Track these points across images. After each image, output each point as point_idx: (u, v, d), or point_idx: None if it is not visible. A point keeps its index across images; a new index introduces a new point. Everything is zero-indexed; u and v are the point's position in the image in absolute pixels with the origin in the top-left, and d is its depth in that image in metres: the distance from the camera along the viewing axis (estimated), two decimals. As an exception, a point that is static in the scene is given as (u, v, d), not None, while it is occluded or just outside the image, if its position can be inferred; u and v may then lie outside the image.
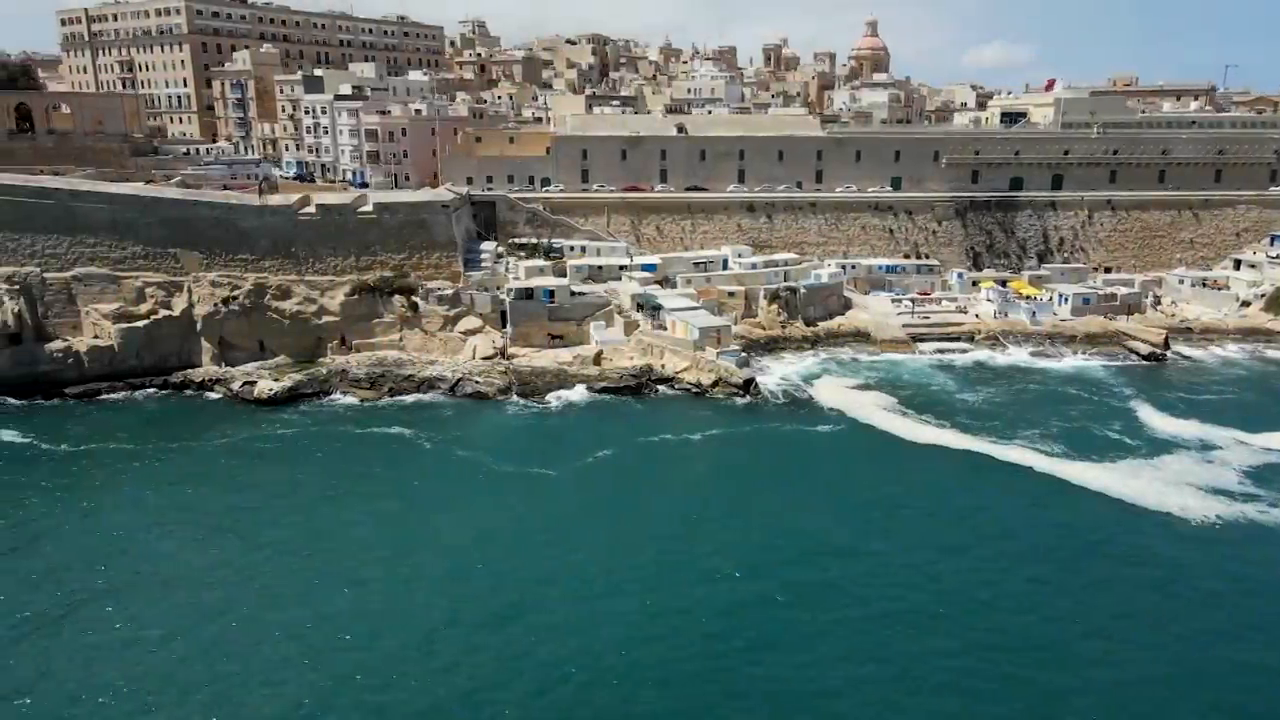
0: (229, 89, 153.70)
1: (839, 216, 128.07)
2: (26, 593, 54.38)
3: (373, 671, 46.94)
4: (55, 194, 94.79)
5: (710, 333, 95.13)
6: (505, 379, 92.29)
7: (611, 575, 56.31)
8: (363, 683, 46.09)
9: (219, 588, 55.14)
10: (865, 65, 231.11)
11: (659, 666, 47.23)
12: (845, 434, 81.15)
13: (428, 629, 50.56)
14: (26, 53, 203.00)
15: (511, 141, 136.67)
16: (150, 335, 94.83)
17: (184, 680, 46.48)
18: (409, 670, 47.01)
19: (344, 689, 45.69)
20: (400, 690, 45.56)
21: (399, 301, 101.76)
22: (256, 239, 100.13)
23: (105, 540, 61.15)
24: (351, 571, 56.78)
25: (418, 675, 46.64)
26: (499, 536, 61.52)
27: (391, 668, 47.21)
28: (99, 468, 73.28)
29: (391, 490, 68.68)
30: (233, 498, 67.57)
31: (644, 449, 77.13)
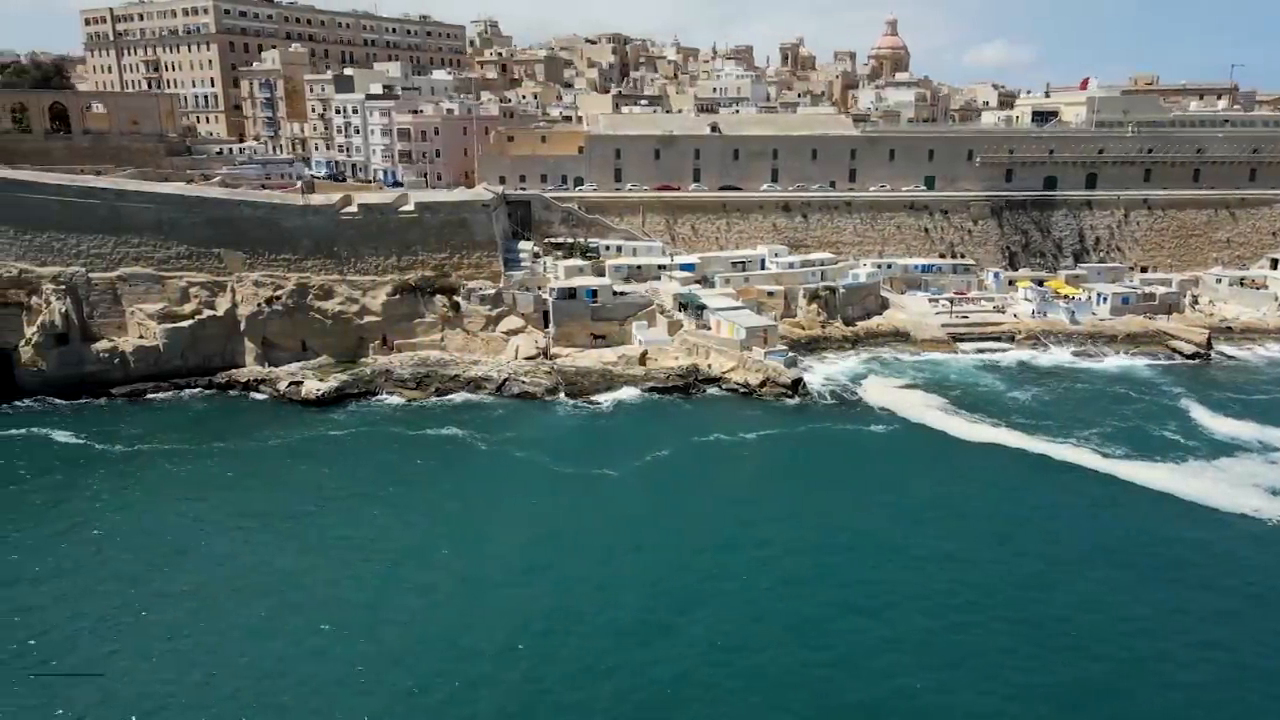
0: (258, 88, 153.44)
1: (874, 216, 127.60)
2: (92, 593, 54.11)
3: (454, 675, 46.58)
4: (102, 194, 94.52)
5: (757, 332, 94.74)
6: (552, 379, 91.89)
7: (683, 577, 55.93)
8: (445, 689, 45.70)
9: (288, 589, 54.94)
10: (885, 64, 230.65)
11: (747, 676, 46.73)
12: (900, 434, 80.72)
13: (504, 631, 50.15)
14: (36, 52, 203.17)
15: (543, 141, 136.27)
16: (194, 335, 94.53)
17: (255, 680, 46.28)
18: (490, 675, 46.61)
19: (426, 693, 45.33)
20: (483, 695, 45.21)
21: (440, 301, 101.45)
22: (299, 238, 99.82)
23: (167, 541, 60.82)
24: (420, 573, 56.45)
25: (500, 680, 46.23)
26: (567, 537, 61.20)
27: (472, 671, 46.85)
28: (155, 468, 72.97)
29: (452, 492, 68.35)
30: (293, 498, 67.26)
31: (700, 449, 76.75)
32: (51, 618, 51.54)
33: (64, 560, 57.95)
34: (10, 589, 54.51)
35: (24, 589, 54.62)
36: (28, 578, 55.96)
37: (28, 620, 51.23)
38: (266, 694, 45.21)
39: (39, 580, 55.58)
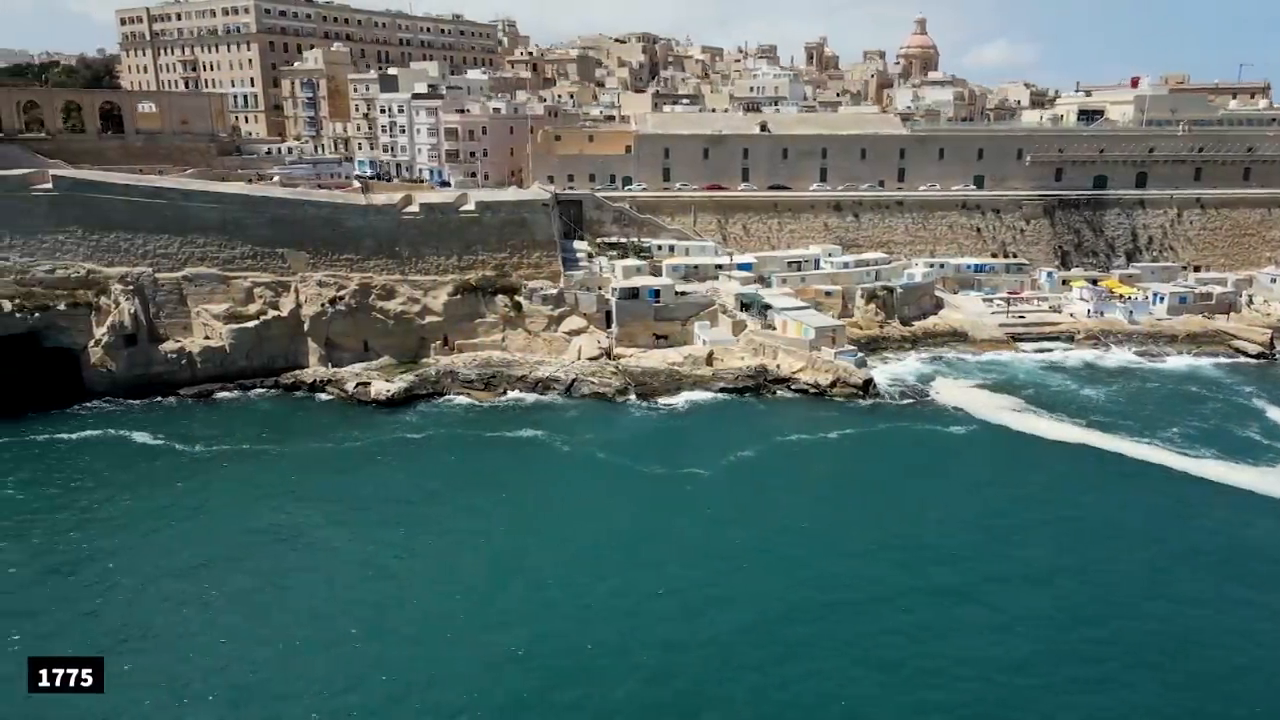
0: (299, 88, 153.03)
1: (926, 215, 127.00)
2: (214, 590, 53.82)
3: (580, 677, 46.08)
4: (168, 194, 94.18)
5: (826, 332, 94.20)
6: (620, 380, 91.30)
7: (794, 577, 55.48)
8: (572, 691, 45.29)
9: (395, 584, 55.04)
10: (915, 64, 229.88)
11: (876, 695, 46.28)
12: (981, 435, 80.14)
13: (621, 633, 49.81)
14: (48, 53, 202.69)
15: (590, 140, 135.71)
16: (260, 336, 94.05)
17: (355, 680, 46.07)
18: (619, 680, 46.18)
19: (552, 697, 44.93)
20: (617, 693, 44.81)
21: (502, 301, 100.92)
22: (361, 238, 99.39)
23: (259, 541, 60.66)
24: (530, 573, 56.06)
25: (625, 686, 45.81)
26: (675, 537, 61.04)
27: (603, 673, 46.39)
28: (240, 468, 72.64)
29: (544, 493, 67.93)
30: (384, 499, 66.77)
31: (783, 449, 76.26)
32: (170, 618, 51.26)
33: (175, 559, 57.79)
34: (121, 585, 54.22)
35: (137, 586, 54.42)
36: (139, 575, 55.84)
37: (140, 617, 50.91)
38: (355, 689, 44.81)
39: (155, 579, 55.38)
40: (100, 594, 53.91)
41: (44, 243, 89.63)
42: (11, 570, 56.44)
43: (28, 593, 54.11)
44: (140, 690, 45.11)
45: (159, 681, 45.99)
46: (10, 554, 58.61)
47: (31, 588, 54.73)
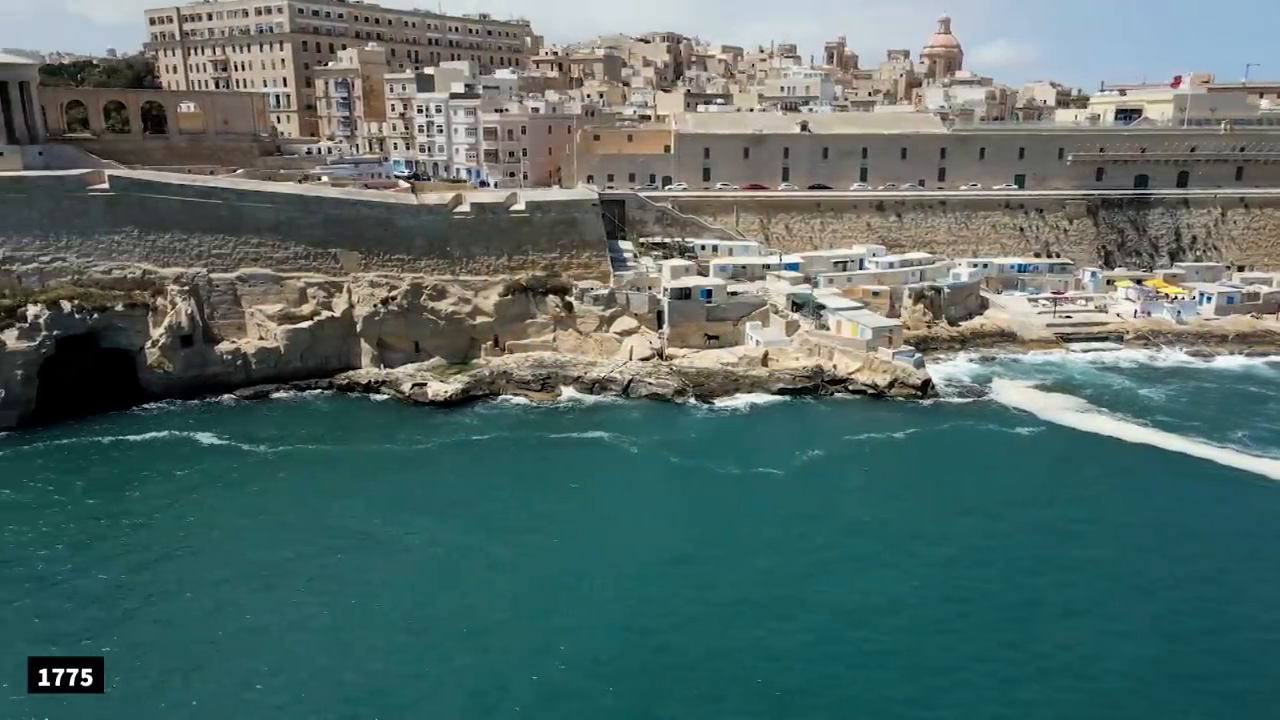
0: (334, 88, 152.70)
1: (969, 215, 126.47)
2: (300, 589, 53.40)
3: (688, 676, 45.68)
4: (222, 194, 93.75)
5: (883, 333, 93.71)
6: (678, 380, 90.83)
7: (891, 579, 55.02)
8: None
9: (488, 581, 55.03)
10: (939, 63, 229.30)
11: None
12: (1047, 436, 79.58)
13: (723, 632, 49.43)
14: (61, 53, 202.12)
15: (630, 140, 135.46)
16: (314, 337, 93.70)
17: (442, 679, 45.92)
18: (728, 681, 45.80)
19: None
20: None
21: (553, 302, 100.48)
22: (412, 238, 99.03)
23: (335, 540, 60.45)
24: (623, 575, 55.55)
25: (736, 687, 45.47)
26: (765, 534, 60.93)
27: (712, 673, 45.99)
28: (306, 469, 72.47)
29: (625, 495, 67.64)
30: (460, 502, 66.35)
31: (853, 449, 75.83)
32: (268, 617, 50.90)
33: (251, 558, 57.67)
34: (204, 582, 53.94)
35: (221, 583, 54.18)
36: (219, 572, 55.78)
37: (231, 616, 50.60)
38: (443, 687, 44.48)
39: (232, 578, 55.11)
40: (182, 594, 53.93)
41: (100, 243, 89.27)
42: (94, 570, 56.16)
43: (107, 592, 53.98)
44: (218, 685, 45.41)
45: (249, 679, 45.84)
46: (86, 554, 58.52)
47: (112, 587, 54.63)
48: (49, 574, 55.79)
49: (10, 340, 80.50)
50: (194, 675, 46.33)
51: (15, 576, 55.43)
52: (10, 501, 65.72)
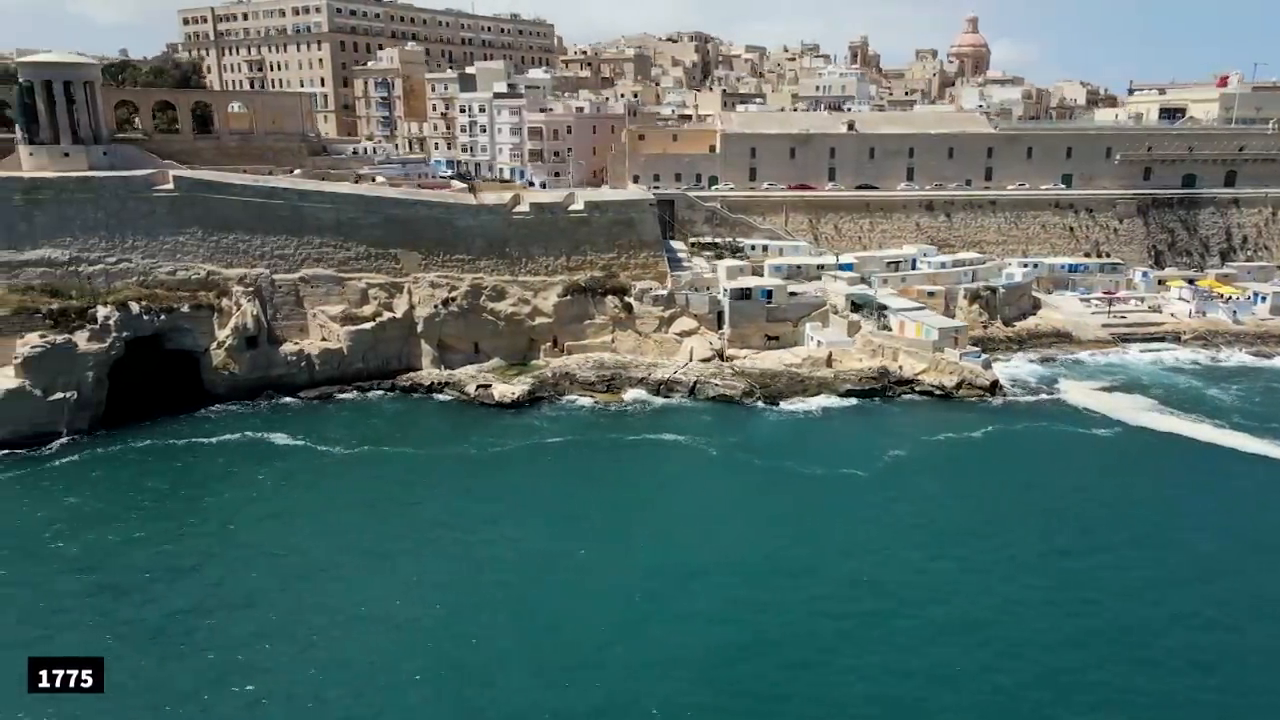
0: (373, 87, 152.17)
1: (1019, 215, 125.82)
2: (391, 584, 52.95)
3: (805, 675, 45.20)
4: (284, 194, 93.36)
5: (949, 333, 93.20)
6: (745, 382, 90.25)
7: (1001, 587, 54.49)
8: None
9: (582, 580, 54.81)
10: (966, 63, 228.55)
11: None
12: (1126, 437, 79.04)
13: (844, 630, 49.14)
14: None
15: (674, 139, 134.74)
16: (376, 338, 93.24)
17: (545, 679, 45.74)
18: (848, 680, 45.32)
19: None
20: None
21: (612, 302, 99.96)
22: (472, 238, 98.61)
23: (436, 535, 60.45)
24: (726, 574, 55.11)
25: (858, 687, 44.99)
26: (857, 534, 60.36)
27: (836, 673, 45.50)
28: (387, 469, 72.20)
29: (715, 496, 67.43)
30: (551, 506, 65.74)
31: (934, 449, 75.47)
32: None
33: (352, 554, 57.29)
34: (310, 581, 53.49)
35: (326, 577, 53.68)
36: (322, 568, 55.53)
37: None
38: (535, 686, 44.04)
39: (336, 571, 54.73)
40: (279, 592, 53.65)
41: (165, 244, 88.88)
42: (187, 572, 55.82)
43: (205, 592, 53.87)
44: (335, 676, 45.32)
45: (361, 676, 45.47)
46: (176, 556, 58.30)
47: (210, 585, 54.66)
48: (141, 578, 55.47)
49: (81, 341, 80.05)
50: (301, 673, 46.01)
51: (113, 583, 54.98)
52: (93, 505, 65.24)
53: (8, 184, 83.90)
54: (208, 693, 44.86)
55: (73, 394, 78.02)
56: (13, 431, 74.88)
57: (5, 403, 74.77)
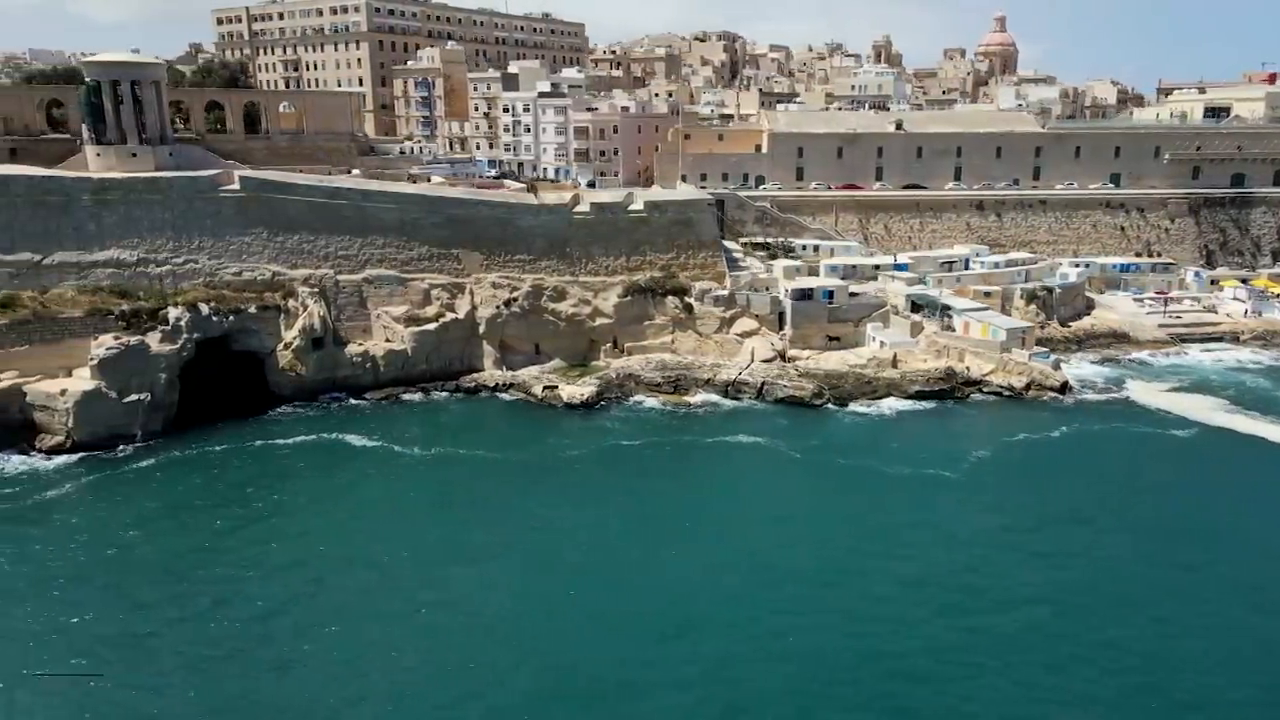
0: (414, 87, 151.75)
1: (1069, 214, 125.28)
2: (499, 581, 52.49)
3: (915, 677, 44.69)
4: (348, 194, 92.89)
5: (1017, 334, 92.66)
6: (813, 383, 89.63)
7: (1129, 584, 53.99)
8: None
9: (676, 582, 54.05)
10: (995, 62, 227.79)
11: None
12: (1207, 438, 78.24)
13: (953, 629, 48.55)
14: (87, 52, 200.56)
15: (720, 139, 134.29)
16: (439, 339, 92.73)
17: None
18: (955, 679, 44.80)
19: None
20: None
21: (672, 303, 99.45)
22: (532, 239, 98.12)
23: (539, 536, 60.09)
24: (836, 574, 54.63)
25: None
26: (955, 532, 60.12)
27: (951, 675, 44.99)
28: (470, 471, 71.85)
29: (808, 498, 66.82)
30: (642, 509, 65.23)
31: (1017, 449, 75.01)
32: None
33: (458, 553, 56.71)
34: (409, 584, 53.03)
35: (441, 571, 53.18)
36: (430, 565, 54.92)
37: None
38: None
39: (448, 567, 54.18)
40: (378, 592, 53.13)
41: (231, 244, 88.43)
42: (285, 571, 55.32)
43: (307, 590, 53.63)
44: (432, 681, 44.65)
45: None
46: (268, 556, 58.16)
47: (311, 583, 54.48)
48: (232, 581, 55.14)
49: (154, 343, 79.62)
50: (400, 676, 45.64)
51: (200, 588, 54.42)
52: (178, 508, 64.73)
53: (78, 184, 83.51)
54: (297, 693, 44.68)
55: (146, 396, 77.56)
56: (90, 434, 74.47)
57: (83, 405, 74.30)
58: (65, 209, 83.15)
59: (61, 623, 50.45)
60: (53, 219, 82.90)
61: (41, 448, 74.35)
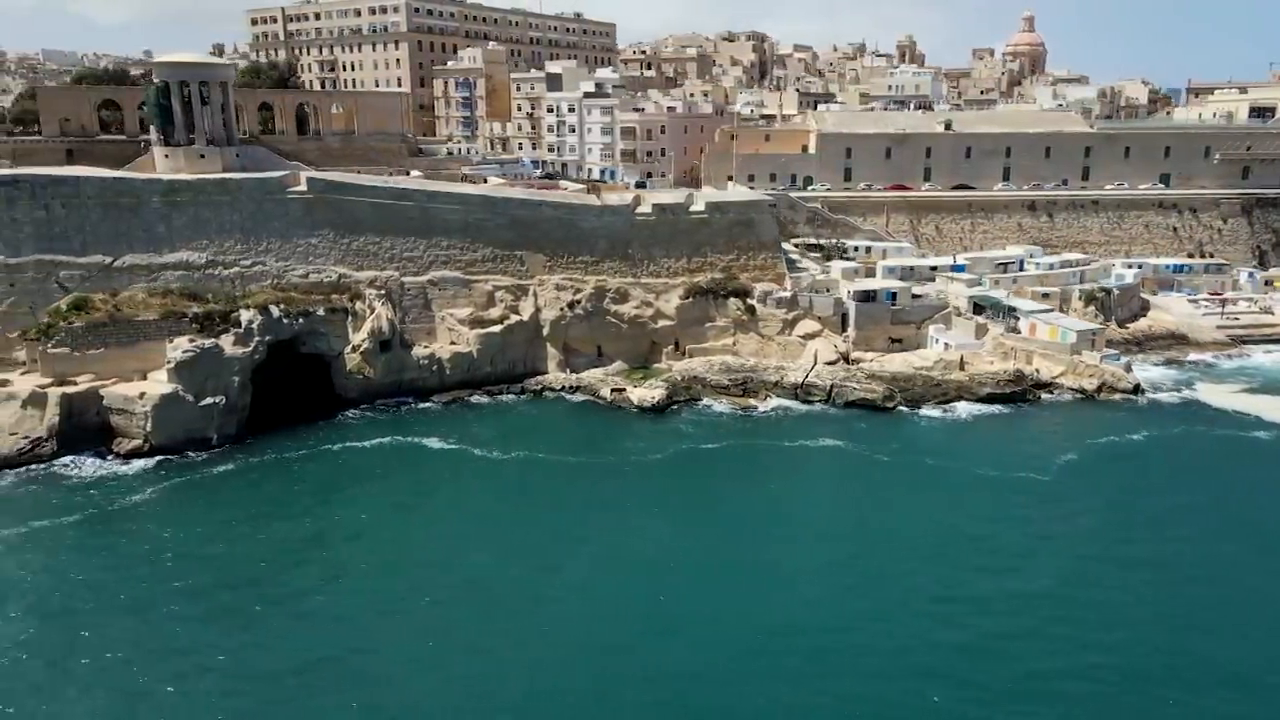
0: (454, 87, 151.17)
1: (1121, 215, 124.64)
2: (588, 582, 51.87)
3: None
4: (413, 195, 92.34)
5: (1086, 336, 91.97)
6: (883, 385, 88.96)
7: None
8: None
9: (793, 583, 53.94)
10: (1024, 61, 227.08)
11: None
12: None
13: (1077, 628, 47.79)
14: (98, 53, 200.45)
15: (767, 139, 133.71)
16: (504, 340, 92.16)
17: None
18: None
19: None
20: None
21: (734, 304, 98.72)
22: (595, 240, 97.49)
23: (626, 548, 59.14)
24: (938, 576, 54.00)
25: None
26: (1061, 535, 59.60)
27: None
28: (555, 474, 71.40)
29: (907, 500, 65.76)
30: (741, 513, 64.40)
31: (1104, 451, 74.43)
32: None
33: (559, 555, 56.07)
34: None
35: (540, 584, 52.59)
36: (509, 568, 54.73)
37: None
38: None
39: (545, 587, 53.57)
40: (482, 592, 52.46)
41: (298, 246, 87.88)
42: (382, 576, 54.76)
43: (409, 592, 52.98)
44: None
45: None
46: (360, 561, 57.77)
47: (410, 588, 53.97)
48: (326, 586, 54.72)
49: (227, 345, 79.05)
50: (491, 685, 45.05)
51: (293, 593, 54.02)
52: (265, 512, 64.13)
53: (149, 186, 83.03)
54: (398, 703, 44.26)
55: (221, 399, 76.99)
56: (168, 437, 73.91)
57: (162, 409, 73.75)
58: (135, 211, 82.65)
59: (161, 635, 49.73)
60: (123, 221, 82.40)
61: (119, 451, 73.75)
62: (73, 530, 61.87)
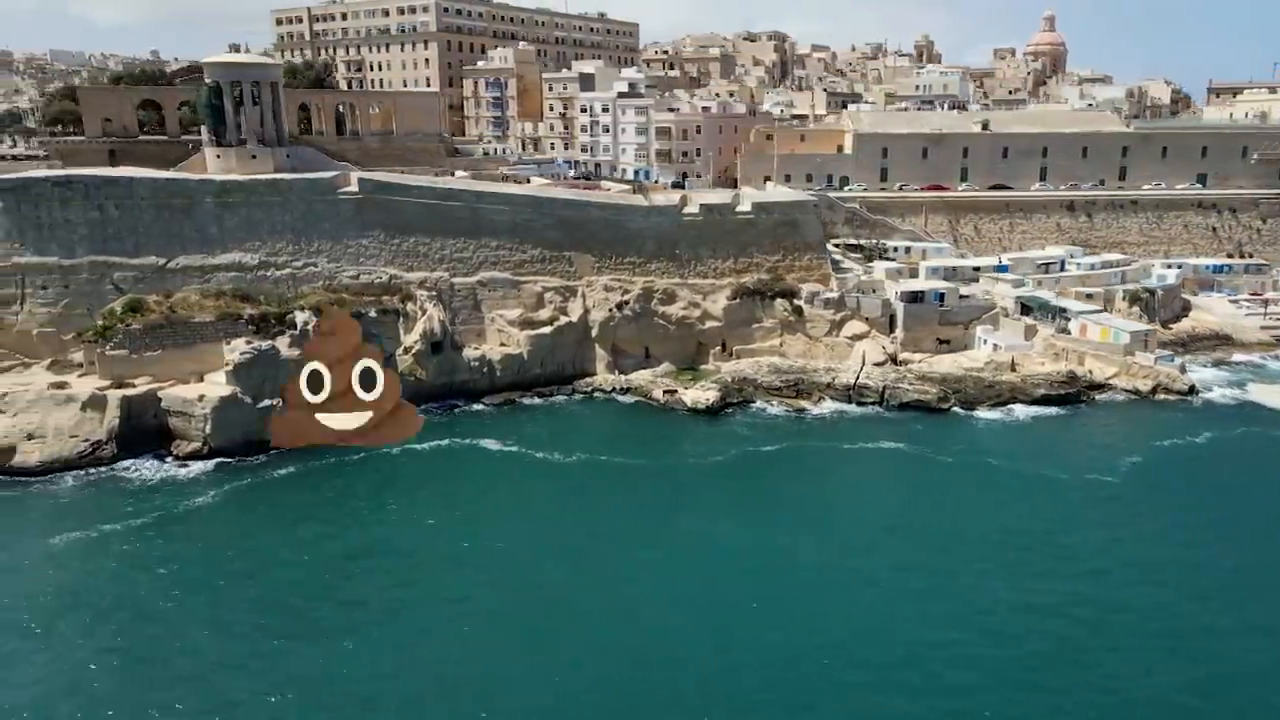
0: (484, 87, 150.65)
1: (1160, 215, 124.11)
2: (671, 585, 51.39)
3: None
4: (461, 195, 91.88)
5: (1140, 336, 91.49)
6: (936, 387, 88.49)
7: None
8: None
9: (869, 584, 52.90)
10: (1046, 61, 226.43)
11: None
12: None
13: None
14: (106, 54, 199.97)
15: (802, 140, 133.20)
16: (554, 342, 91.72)
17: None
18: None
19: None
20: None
21: (781, 305, 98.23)
22: (642, 241, 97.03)
23: (704, 552, 58.76)
24: (1020, 579, 53.48)
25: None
26: (1140, 539, 59.14)
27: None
28: (619, 477, 71.05)
29: (974, 502, 65.41)
30: (817, 516, 64.24)
31: (1170, 453, 74.05)
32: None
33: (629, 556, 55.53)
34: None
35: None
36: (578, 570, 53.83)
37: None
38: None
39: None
40: (556, 594, 52.09)
41: (349, 247, 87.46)
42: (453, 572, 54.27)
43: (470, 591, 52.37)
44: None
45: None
46: (433, 565, 57.57)
47: (474, 587, 53.56)
48: (391, 589, 54.51)
49: (283, 347, 78.56)
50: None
51: (367, 615, 53.27)
52: (324, 523, 63.46)
53: (202, 186, 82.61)
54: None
55: (278, 401, 76.17)
56: (227, 440, 73.45)
57: (220, 411, 73.34)
58: (188, 212, 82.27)
59: (247, 645, 49.25)
60: (176, 222, 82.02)
61: (178, 454, 73.34)
62: (142, 535, 61.46)
